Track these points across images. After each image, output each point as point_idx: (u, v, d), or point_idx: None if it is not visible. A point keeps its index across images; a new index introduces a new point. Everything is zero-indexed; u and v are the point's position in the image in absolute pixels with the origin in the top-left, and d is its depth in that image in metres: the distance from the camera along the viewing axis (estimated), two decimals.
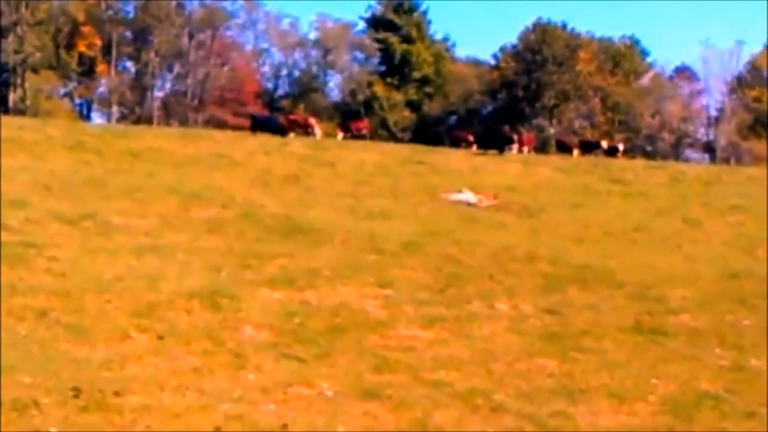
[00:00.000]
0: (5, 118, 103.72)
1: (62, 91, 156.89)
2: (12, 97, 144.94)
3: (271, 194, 59.87)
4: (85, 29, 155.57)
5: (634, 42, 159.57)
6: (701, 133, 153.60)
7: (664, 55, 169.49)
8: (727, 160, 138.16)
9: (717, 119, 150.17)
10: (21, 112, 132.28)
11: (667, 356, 41.09)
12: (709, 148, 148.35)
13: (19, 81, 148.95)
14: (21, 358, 31.68)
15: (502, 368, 37.82)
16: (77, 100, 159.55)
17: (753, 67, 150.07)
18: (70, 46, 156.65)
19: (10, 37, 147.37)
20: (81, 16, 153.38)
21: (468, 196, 66.41)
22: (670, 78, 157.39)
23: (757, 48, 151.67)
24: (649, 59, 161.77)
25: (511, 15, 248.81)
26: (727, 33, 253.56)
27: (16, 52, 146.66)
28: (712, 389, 38.66)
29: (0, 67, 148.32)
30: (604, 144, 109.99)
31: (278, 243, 48.62)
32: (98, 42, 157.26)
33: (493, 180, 72.22)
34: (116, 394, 30.11)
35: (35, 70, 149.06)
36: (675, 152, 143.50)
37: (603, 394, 36.54)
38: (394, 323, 39.99)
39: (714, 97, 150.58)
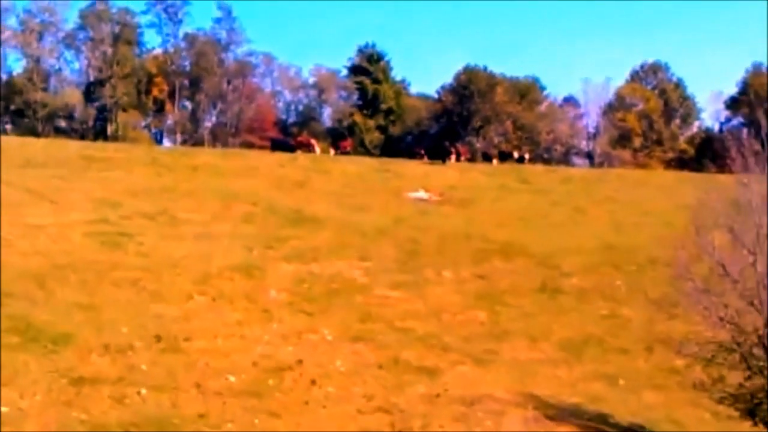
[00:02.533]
0: (105, 144, 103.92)
1: (143, 123, 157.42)
2: (109, 129, 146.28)
3: (285, 194, 60.14)
4: (157, 79, 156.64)
5: (535, 80, 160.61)
6: (583, 145, 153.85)
7: (555, 89, 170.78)
8: (602, 164, 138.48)
9: (594, 135, 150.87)
10: (115, 139, 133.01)
11: (563, 308, 41.73)
12: (589, 156, 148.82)
13: (113, 117, 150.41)
14: (121, 315, 32.35)
15: (449, 318, 38.52)
16: (153, 130, 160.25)
17: (619, 96, 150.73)
18: (147, 92, 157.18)
19: (106, 87, 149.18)
20: (154, 70, 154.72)
21: (422, 194, 66.54)
22: (560, 105, 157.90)
23: (620, 82, 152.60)
24: (545, 92, 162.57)
25: (448, 62, 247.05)
26: (601, 71, 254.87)
27: (111, 97, 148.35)
28: (596, 332, 39.47)
29: (100, 108, 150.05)
30: (516, 154, 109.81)
31: (291, 229, 48.97)
32: (166, 88, 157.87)
33: (439, 182, 72.46)
34: (185, 339, 30.72)
35: (124, 110, 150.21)
36: (565, 159, 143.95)
37: (520, 337, 37.23)
38: (373, 287, 40.52)
39: (591, 119, 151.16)
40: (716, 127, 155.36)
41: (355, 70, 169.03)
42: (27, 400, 23.81)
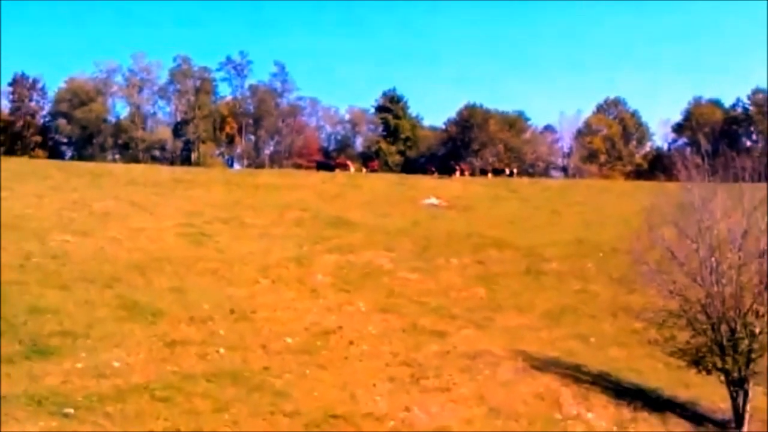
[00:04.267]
0: (190, 168, 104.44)
1: (218, 152, 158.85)
2: (192, 157, 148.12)
3: (327, 203, 60.37)
4: (229, 119, 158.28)
5: (520, 113, 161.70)
6: (559, 162, 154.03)
7: (537, 120, 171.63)
8: (574, 176, 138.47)
9: (568, 154, 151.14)
10: (197, 164, 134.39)
11: (544, 286, 41.75)
12: (564, 170, 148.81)
13: (195, 148, 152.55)
14: (203, 295, 32.64)
15: (455, 294, 38.59)
16: (225, 157, 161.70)
17: (587, 123, 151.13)
18: (221, 129, 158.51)
19: (190, 125, 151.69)
20: (226, 113, 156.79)
21: (433, 201, 66.61)
22: (541, 132, 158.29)
23: (588, 113, 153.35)
24: (529, 122, 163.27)
25: (453, 98, 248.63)
26: (573, 105, 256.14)
27: (193, 133, 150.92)
28: (571, 303, 39.43)
29: (186, 141, 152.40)
30: (506, 170, 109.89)
31: (332, 230, 49.12)
32: (235, 126, 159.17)
33: (446, 192, 72.62)
34: (252, 312, 30.93)
35: (204, 142, 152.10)
36: (545, 173, 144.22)
37: (510, 308, 37.29)
38: (396, 271, 40.65)
39: (566, 141, 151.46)
40: (665, 147, 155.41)
41: (380, 108, 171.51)
42: (133, 357, 24.19)
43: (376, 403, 21.74)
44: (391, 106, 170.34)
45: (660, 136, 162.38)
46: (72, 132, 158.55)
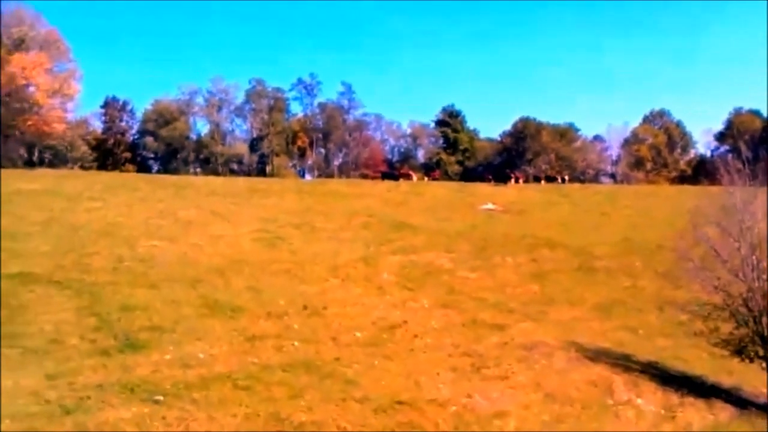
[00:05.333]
0: (264, 179, 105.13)
1: (290, 164, 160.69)
2: (267, 169, 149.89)
3: (392, 209, 60.41)
4: (300, 134, 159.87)
5: (571, 124, 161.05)
6: (608, 169, 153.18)
7: (586, 131, 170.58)
8: (622, 182, 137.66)
9: (616, 161, 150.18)
10: (271, 176, 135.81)
11: (595, 282, 41.35)
12: (613, 176, 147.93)
13: (270, 161, 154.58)
14: (278, 293, 32.76)
15: (511, 290, 38.32)
16: (297, 168, 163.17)
17: (634, 133, 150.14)
18: (293, 143, 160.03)
19: (265, 141, 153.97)
20: (297, 129, 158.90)
21: (490, 206, 66.46)
22: (591, 141, 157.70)
23: (635, 124, 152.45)
24: (579, 132, 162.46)
25: (506, 114, 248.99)
26: (620, 116, 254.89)
27: (268, 147, 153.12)
28: (620, 297, 39.09)
29: (261, 155, 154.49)
30: (558, 177, 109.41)
31: (396, 233, 49.11)
32: (306, 140, 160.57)
33: (502, 198, 72.31)
34: (323, 308, 30.99)
35: (277, 155, 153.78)
36: (595, 179, 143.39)
37: (563, 303, 37.02)
38: (456, 270, 40.52)
39: (614, 150, 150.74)
40: (708, 154, 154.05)
41: (440, 123, 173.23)
42: (216, 349, 24.46)
43: (439, 390, 21.72)
44: (450, 121, 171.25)
45: (703, 144, 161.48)
46: (158, 148, 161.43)
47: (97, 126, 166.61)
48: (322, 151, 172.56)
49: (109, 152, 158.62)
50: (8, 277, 32.66)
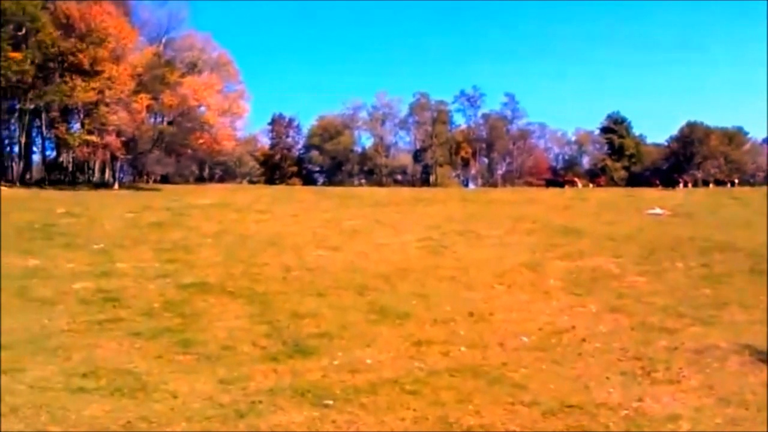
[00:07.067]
0: (428, 189, 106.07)
1: (454, 174, 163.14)
2: (431, 179, 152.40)
3: (557, 215, 59.65)
4: (463, 145, 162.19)
5: (739, 128, 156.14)
6: None
7: (756, 133, 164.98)
8: None
9: None
10: (435, 185, 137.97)
11: None
12: None
13: (433, 171, 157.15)
14: (443, 299, 32.82)
15: (681, 294, 36.26)
16: (461, 178, 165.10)
17: None
18: (456, 153, 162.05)
19: (428, 152, 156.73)
20: (461, 139, 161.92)
21: (657, 210, 64.89)
22: (761, 144, 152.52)
23: None
24: (748, 135, 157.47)
25: (673, 117, 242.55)
26: None
27: (431, 158, 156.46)
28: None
29: (424, 166, 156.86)
30: (728, 182, 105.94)
31: (562, 238, 48.44)
32: (470, 150, 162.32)
33: (670, 202, 70.51)
34: (489, 314, 30.70)
35: (441, 166, 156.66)
36: (766, 182, 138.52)
37: (735, 305, 34.51)
38: (624, 275, 39.41)
39: None
40: None
41: (605, 130, 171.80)
42: (383, 355, 24.58)
43: (609, 395, 21.09)
44: (615, 127, 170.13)
45: None
46: (323, 162, 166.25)
47: (265, 142, 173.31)
48: (486, 160, 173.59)
49: (276, 166, 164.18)
50: (183, 287, 33.99)
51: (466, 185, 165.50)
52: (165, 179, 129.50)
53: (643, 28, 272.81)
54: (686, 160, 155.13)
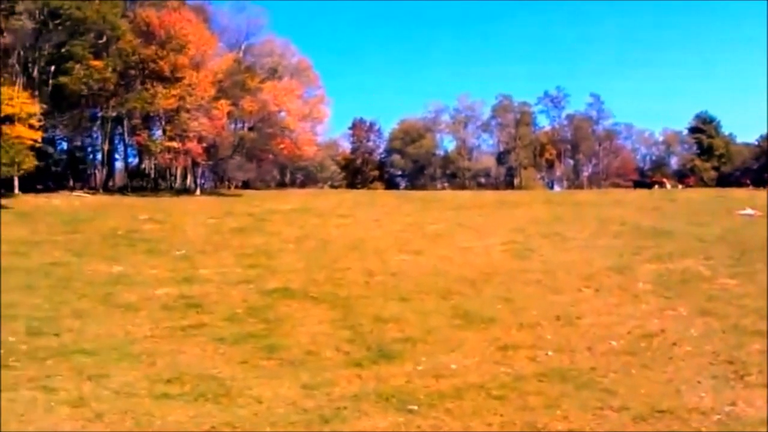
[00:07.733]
0: (513, 191, 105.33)
1: (538, 176, 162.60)
2: (515, 182, 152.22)
3: (645, 216, 58.66)
4: (548, 147, 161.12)
5: None
6: None
7: None
8: None
9: None
10: (519, 188, 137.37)
11: None
12: None
13: (518, 174, 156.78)
14: (529, 303, 32.26)
15: None
16: (546, 180, 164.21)
17: None
18: (541, 155, 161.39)
19: (512, 154, 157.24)
20: (545, 141, 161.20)
21: (749, 211, 63.40)
22: None
23: None
24: None
25: (764, 115, 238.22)
26: None
27: (515, 160, 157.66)
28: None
29: (508, 168, 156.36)
30: None
31: (650, 240, 47.50)
32: (554, 152, 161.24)
33: (762, 202, 68.83)
34: (577, 318, 30.14)
35: (525, 168, 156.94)
36: None
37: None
38: (715, 277, 38.46)
39: None
40: None
41: (693, 130, 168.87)
42: (469, 360, 24.39)
43: (701, 399, 20.53)
44: (704, 127, 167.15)
45: None
46: (405, 165, 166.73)
47: (346, 146, 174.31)
48: (571, 162, 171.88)
49: (358, 171, 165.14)
50: (266, 292, 34.26)
51: (551, 187, 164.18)
52: (246, 185, 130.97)
53: (732, 27, 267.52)
54: None
